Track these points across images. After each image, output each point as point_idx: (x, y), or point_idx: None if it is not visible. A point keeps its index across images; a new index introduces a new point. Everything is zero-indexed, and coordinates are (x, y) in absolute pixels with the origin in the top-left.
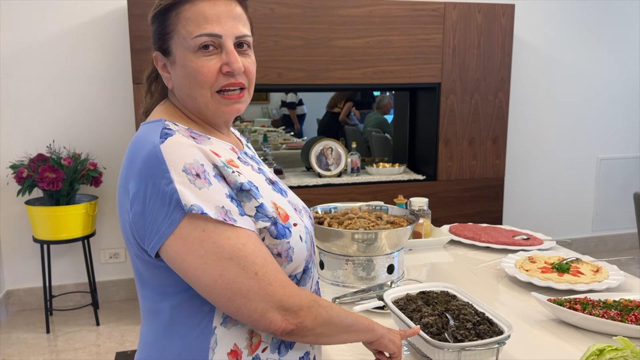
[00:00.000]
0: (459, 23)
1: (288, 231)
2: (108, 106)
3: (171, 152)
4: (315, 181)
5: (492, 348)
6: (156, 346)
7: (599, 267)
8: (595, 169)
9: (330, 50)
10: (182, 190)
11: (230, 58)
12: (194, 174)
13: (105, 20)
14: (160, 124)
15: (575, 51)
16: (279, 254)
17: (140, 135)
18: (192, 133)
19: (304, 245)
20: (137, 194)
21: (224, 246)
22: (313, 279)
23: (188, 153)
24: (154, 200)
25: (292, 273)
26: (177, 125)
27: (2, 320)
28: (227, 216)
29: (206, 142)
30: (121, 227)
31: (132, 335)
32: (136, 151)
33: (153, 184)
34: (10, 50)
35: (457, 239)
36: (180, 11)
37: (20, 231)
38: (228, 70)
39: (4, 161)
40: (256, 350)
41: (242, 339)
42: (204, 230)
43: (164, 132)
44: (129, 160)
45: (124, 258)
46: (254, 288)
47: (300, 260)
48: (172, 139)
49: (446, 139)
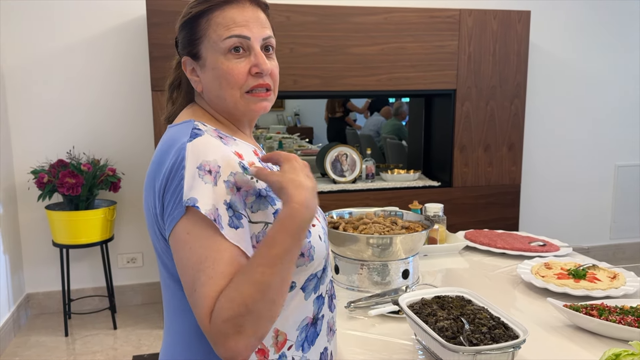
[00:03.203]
0: (475, 30)
1: (308, 232)
2: (127, 113)
3: (195, 150)
4: (330, 187)
5: (507, 352)
6: (184, 344)
7: (615, 274)
8: (613, 176)
9: (346, 57)
10: (187, 185)
11: (259, 60)
12: (206, 170)
13: (125, 28)
14: (190, 124)
15: (591, 58)
16: (302, 254)
17: (170, 136)
18: (220, 133)
19: (323, 245)
20: (159, 190)
21: (194, 254)
22: (328, 278)
23: (211, 152)
24: (169, 195)
25: (314, 271)
26: (206, 126)
27: (22, 323)
28: (218, 220)
29: (232, 142)
30: (148, 228)
31: (149, 339)
32: (166, 151)
33: (172, 180)
34: (33, 57)
35: (472, 245)
36: (211, 17)
37: (40, 236)
38: (257, 72)
39: (25, 167)
40: (282, 348)
41: (269, 337)
42: (188, 234)
43: (194, 132)
44: (158, 161)
45: (142, 263)
46: (192, 303)
47: (320, 259)
48: (200, 139)
49: (461, 145)
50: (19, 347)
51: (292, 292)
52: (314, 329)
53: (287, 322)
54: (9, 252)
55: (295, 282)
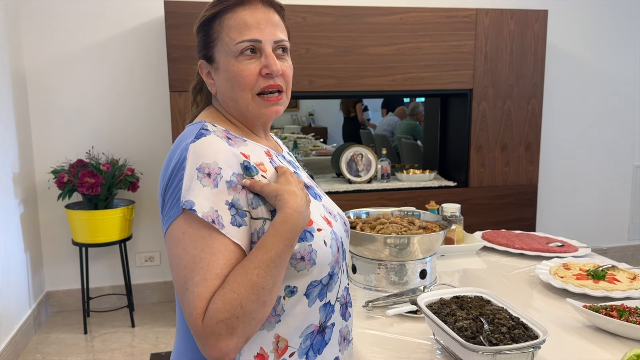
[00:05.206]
0: (491, 29)
1: (310, 235)
2: (146, 113)
3: (195, 152)
4: (345, 187)
5: (527, 352)
6: (186, 347)
7: (635, 275)
8: (632, 176)
9: (361, 58)
10: (185, 186)
11: (269, 61)
12: (205, 173)
13: (144, 29)
14: (199, 124)
15: (609, 56)
16: (302, 258)
17: (180, 136)
18: (229, 134)
19: (329, 250)
20: (162, 188)
21: (187, 254)
22: (340, 285)
23: (211, 153)
24: (169, 194)
25: (318, 277)
26: (215, 127)
27: (42, 321)
28: (217, 220)
29: (240, 143)
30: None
31: (167, 337)
32: (174, 150)
33: (173, 179)
34: (53, 59)
35: (490, 246)
36: (223, 20)
37: (60, 234)
38: (267, 73)
39: (46, 166)
40: (283, 354)
41: (269, 343)
42: (183, 233)
43: (200, 132)
44: (167, 161)
45: (159, 261)
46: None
47: (324, 264)
48: (204, 139)
49: (478, 145)
50: (40, 344)
51: (294, 297)
52: (321, 338)
53: (289, 328)
54: (30, 251)
55: (297, 287)
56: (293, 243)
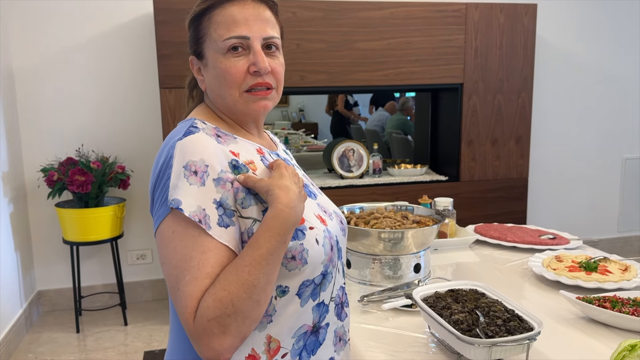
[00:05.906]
0: (481, 24)
1: (301, 233)
2: (136, 110)
3: (182, 149)
4: (337, 182)
5: (522, 344)
6: (179, 347)
7: (627, 266)
8: (621, 169)
9: (352, 53)
10: (172, 184)
11: (257, 58)
12: (192, 171)
13: (132, 26)
14: (189, 122)
15: (599, 50)
16: (293, 257)
17: (170, 134)
18: (219, 132)
19: (321, 249)
20: (151, 186)
21: (178, 253)
22: (335, 285)
23: (198, 151)
24: (158, 193)
25: (310, 277)
26: (205, 124)
27: (33, 320)
28: (204, 220)
29: (230, 141)
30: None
31: (160, 335)
32: (163, 148)
33: (161, 177)
34: (42, 57)
35: (482, 239)
36: (212, 15)
37: (51, 233)
38: (255, 70)
39: (35, 165)
40: (275, 355)
41: (260, 344)
42: (173, 232)
43: (189, 130)
44: (156, 159)
45: (151, 259)
46: (175, 301)
47: (316, 264)
48: (191, 137)
49: (469, 139)
50: (32, 344)
51: (286, 297)
52: (315, 338)
53: (282, 328)
54: (20, 250)
55: (288, 287)
56: (286, 239)
